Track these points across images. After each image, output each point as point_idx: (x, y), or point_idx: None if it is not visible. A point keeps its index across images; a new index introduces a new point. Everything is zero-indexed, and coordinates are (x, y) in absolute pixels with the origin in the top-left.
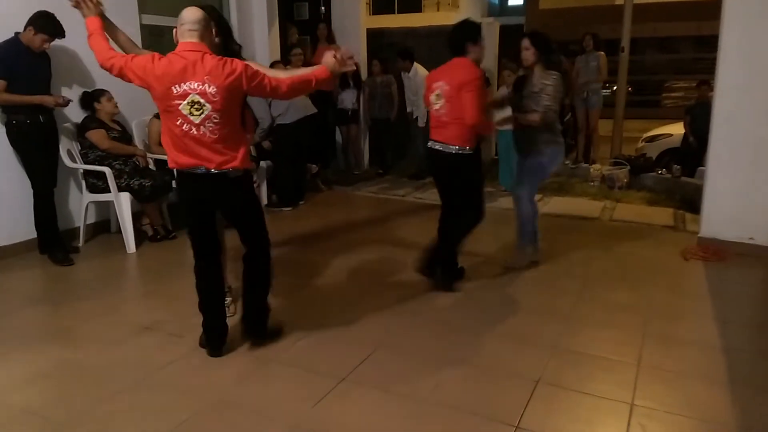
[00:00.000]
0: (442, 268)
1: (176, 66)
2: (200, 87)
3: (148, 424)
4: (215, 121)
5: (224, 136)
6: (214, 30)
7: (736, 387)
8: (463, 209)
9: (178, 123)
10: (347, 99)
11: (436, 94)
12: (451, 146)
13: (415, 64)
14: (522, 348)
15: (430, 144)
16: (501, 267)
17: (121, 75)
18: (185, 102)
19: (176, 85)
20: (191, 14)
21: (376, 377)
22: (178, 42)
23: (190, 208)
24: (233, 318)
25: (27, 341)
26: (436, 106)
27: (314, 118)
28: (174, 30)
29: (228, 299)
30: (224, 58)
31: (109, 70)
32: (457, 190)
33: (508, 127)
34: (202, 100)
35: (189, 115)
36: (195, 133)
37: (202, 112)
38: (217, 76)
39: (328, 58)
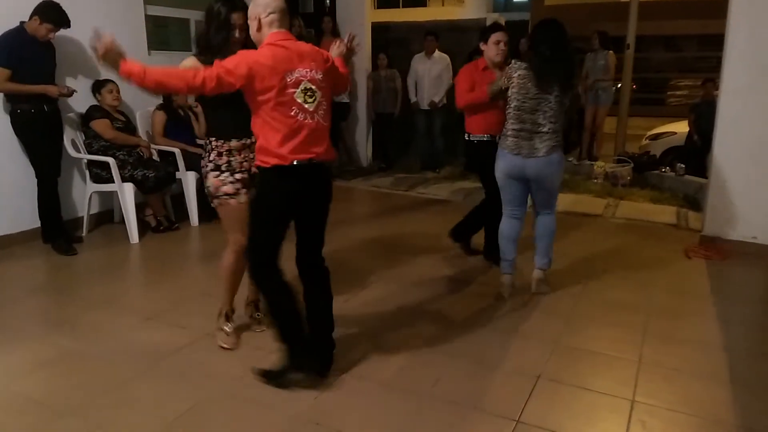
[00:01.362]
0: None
1: (281, 55)
2: (309, 74)
3: (151, 413)
4: (324, 107)
5: (329, 124)
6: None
7: (736, 386)
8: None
9: (292, 113)
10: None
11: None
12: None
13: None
14: (523, 344)
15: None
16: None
17: (220, 85)
18: (299, 90)
19: (288, 73)
20: (280, 2)
21: (376, 372)
22: (267, 29)
23: (288, 205)
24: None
25: (30, 330)
26: None
27: None
28: (267, 17)
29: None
30: (313, 46)
31: (202, 88)
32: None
33: None
34: (313, 87)
35: (304, 103)
36: (310, 121)
37: (315, 99)
38: (319, 63)
39: (336, 49)
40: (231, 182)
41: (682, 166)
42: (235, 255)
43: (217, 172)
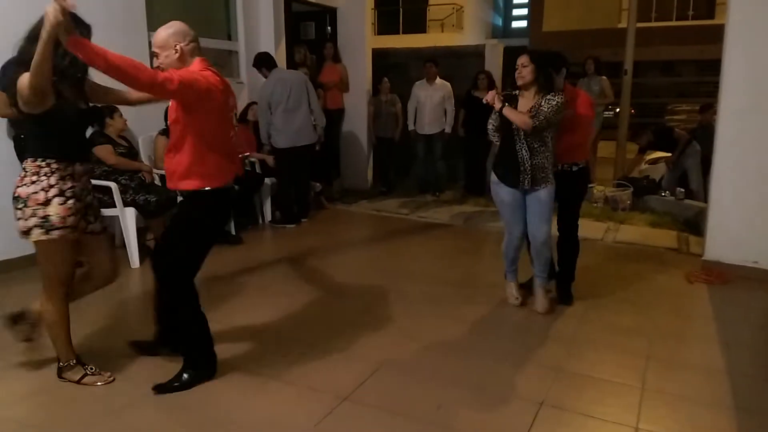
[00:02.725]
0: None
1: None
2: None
3: None
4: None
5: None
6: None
7: (740, 411)
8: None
9: (231, 133)
10: None
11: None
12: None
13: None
14: (525, 370)
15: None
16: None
17: (178, 92)
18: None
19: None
20: (194, 31)
21: (378, 397)
22: (189, 57)
23: (220, 224)
24: (230, 336)
25: (27, 355)
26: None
27: (310, 146)
28: (188, 45)
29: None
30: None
31: (162, 87)
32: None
33: None
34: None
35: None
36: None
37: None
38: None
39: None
40: (75, 212)
41: (682, 190)
42: (62, 302)
43: (63, 198)
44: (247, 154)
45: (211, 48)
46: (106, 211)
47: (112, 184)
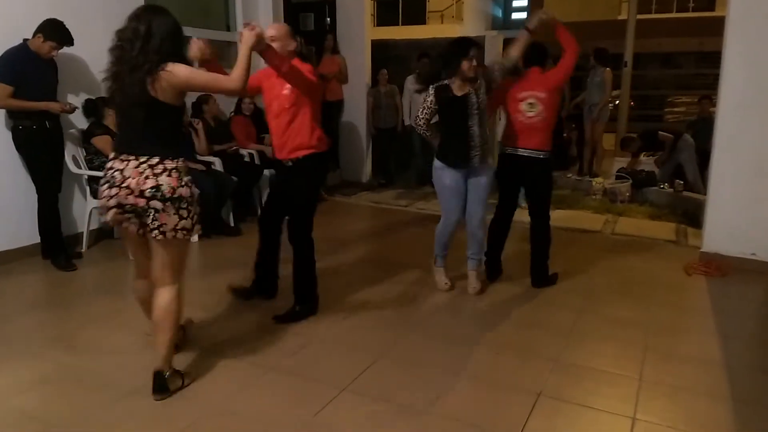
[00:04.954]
0: (540, 274)
1: None
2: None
3: (150, 430)
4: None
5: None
6: None
7: (737, 403)
8: (543, 213)
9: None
10: None
11: (529, 103)
12: (541, 152)
13: None
14: (523, 361)
15: (513, 151)
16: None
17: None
18: None
19: None
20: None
21: (377, 387)
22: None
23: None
24: (230, 328)
25: (28, 346)
26: (530, 114)
27: None
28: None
29: None
30: None
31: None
32: (542, 194)
33: None
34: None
35: None
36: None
37: None
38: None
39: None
40: None
41: (681, 182)
42: (177, 292)
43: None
44: (235, 147)
45: (210, 39)
46: None
47: None
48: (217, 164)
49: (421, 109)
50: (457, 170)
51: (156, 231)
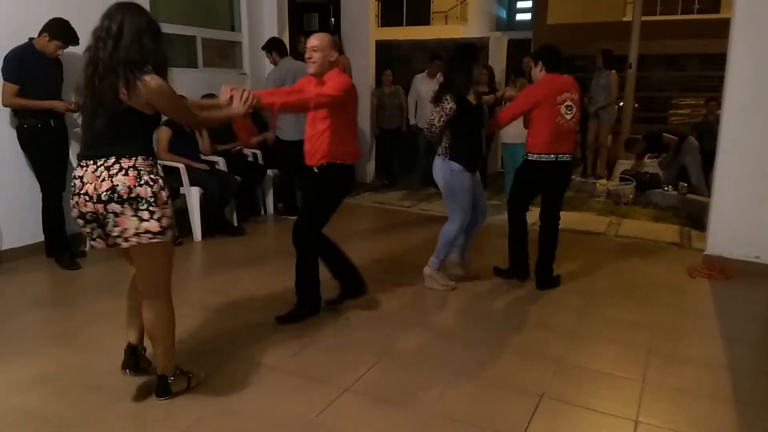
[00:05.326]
0: (546, 276)
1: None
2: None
3: (153, 429)
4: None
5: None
6: None
7: (741, 406)
8: (556, 216)
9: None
10: None
11: (567, 106)
12: (566, 155)
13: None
14: (526, 362)
15: (549, 157)
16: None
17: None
18: None
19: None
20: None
21: (379, 388)
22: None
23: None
24: (237, 325)
25: (31, 344)
26: (568, 117)
27: None
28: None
29: None
30: None
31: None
32: (560, 197)
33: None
34: None
35: None
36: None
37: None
38: None
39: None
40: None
41: (685, 185)
42: (162, 306)
43: (168, 198)
44: (238, 147)
45: (215, 39)
46: None
47: None
48: (221, 164)
49: (439, 116)
50: (473, 173)
51: (119, 238)
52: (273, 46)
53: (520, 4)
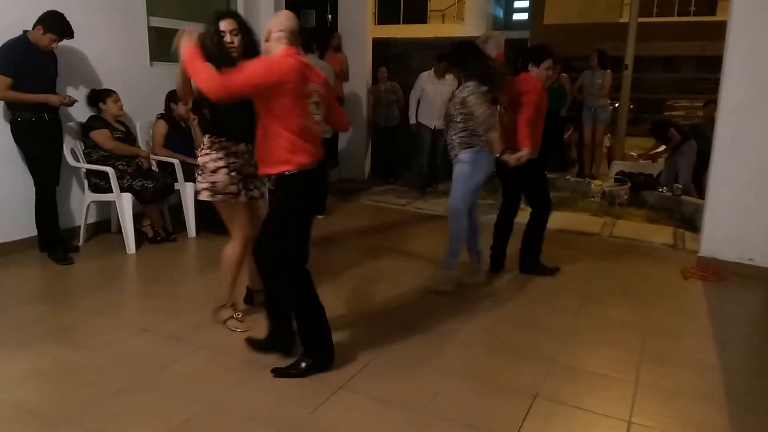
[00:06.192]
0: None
1: (300, 64)
2: (317, 88)
3: (144, 426)
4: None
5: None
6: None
7: (733, 407)
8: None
9: (307, 119)
10: None
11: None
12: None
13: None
14: (520, 362)
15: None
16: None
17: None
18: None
19: (309, 84)
20: (291, 24)
21: (373, 386)
22: (277, 44)
23: (307, 207)
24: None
25: (24, 339)
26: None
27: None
28: (278, 34)
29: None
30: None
31: (227, 97)
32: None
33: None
34: (319, 100)
35: (312, 114)
36: (316, 129)
37: (320, 111)
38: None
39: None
40: (236, 182)
41: (679, 186)
42: (240, 247)
43: (227, 170)
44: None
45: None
46: (103, 196)
47: (109, 170)
48: None
49: (482, 109)
50: None
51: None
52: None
53: (517, 4)
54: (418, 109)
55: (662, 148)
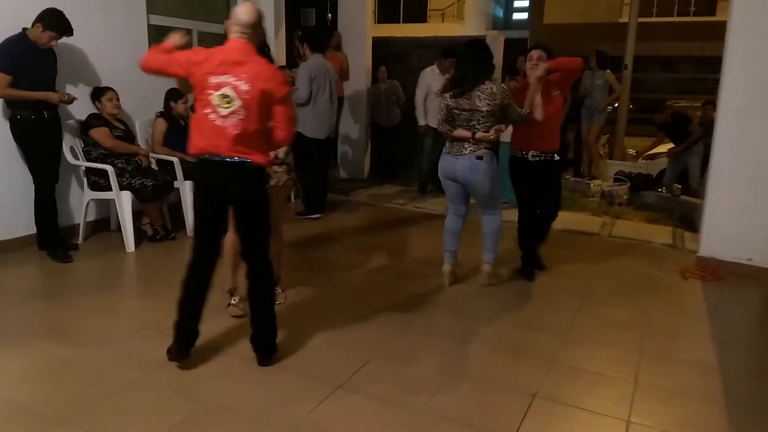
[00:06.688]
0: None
1: (216, 58)
2: (235, 82)
3: (143, 424)
4: (240, 117)
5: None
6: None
7: (732, 407)
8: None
9: (206, 112)
10: None
11: None
12: None
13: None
14: (519, 361)
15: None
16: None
17: (162, 70)
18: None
19: (214, 76)
20: (245, 19)
21: (372, 385)
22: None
23: (204, 195)
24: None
25: (23, 337)
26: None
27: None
28: (230, 26)
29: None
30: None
31: (148, 69)
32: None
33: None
34: (233, 95)
35: (218, 106)
36: (219, 123)
37: (231, 106)
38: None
39: None
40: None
41: (679, 186)
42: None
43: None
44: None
45: (211, 32)
46: (102, 194)
47: (109, 168)
48: None
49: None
50: None
51: None
52: (308, 39)
53: (517, 3)
54: (424, 109)
55: (666, 147)
